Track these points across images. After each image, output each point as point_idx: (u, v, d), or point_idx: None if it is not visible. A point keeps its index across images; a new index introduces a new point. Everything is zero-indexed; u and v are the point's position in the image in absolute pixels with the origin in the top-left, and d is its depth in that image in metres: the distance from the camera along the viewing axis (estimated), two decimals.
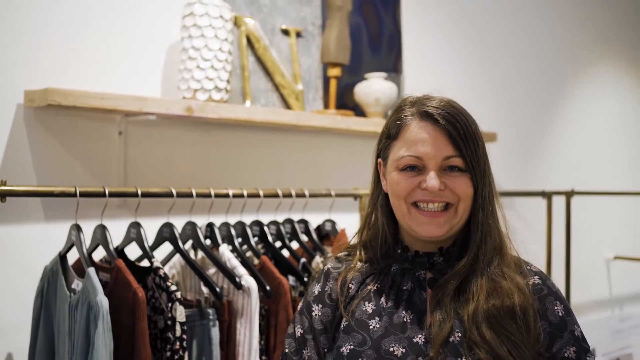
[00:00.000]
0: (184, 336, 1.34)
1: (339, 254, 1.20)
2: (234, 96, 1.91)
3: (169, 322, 1.34)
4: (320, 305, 1.13)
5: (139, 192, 1.48)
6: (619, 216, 3.48)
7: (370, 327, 1.07)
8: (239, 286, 1.47)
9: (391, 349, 1.04)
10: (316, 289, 1.16)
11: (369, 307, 1.09)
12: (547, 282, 1.10)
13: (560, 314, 1.05)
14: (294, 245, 1.79)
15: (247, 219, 1.71)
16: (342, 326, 1.09)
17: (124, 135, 1.75)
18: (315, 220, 1.89)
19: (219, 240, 1.60)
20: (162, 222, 1.57)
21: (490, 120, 2.76)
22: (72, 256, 1.48)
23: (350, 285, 1.13)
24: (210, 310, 1.44)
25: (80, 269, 1.42)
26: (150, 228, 1.56)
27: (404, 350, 1.03)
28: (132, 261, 1.48)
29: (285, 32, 2.07)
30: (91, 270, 1.31)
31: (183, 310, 1.34)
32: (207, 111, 1.71)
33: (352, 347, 1.06)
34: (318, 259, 1.70)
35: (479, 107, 2.87)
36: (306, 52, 2.11)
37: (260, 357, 1.52)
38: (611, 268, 3.45)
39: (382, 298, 1.10)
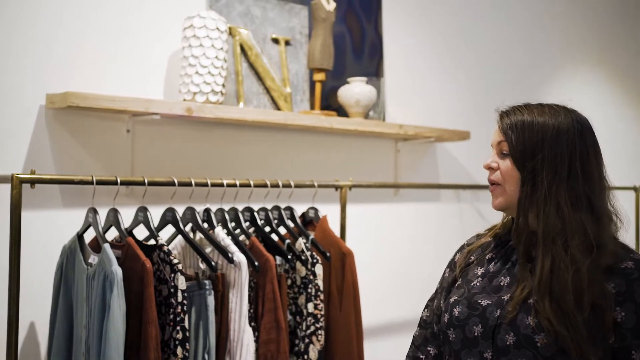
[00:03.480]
0: (185, 302, 1.58)
1: (481, 232, 1.46)
2: (229, 98, 2.14)
3: (172, 290, 1.58)
4: (448, 270, 1.44)
5: (146, 181, 1.72)
6: None
7: (472, 285, 1.32)
8: (231, 261, 1.71)
9: (479, 301, 1.27)
10: (452, 257, 1.46)
11: (479, 271, 1.35)
12: None
13: None
14: (282, 230, 2.03)
15: (239, 206, 1.94)
16: (456, 284, 1.37)
17: (131, 133, 1.98)
18: (300, 208, 2.13)
19: (215, 223, 1.84)
20: (165, 208, 1.81)
21: (465, 119, 2.99)
22: (88, 237, 1.72)
23: (471, 257, 1.39)
24: (206, 282, 1.68)
25: (96, 246, 1.66)
26: (155, 213, 1.79)
27: (489, 302, 1.26)
28: (140, 240, 1.71)
29: (275, 41, 2.30)
30: (106, 245, 1.55)
31: (184, 279, 1.58)
32: (205, 112, 1.92)
33: (455, 297, 1.32)
34: (301, 240, 1.94)
35: (455, 107, 3.11)
36: (294, 59, 2.35)
37: (250, 324, 1.76)
38: None
39: (492, 265, 1.34)
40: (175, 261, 1.59)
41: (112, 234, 1.74)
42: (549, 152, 1.22)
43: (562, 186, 1.21)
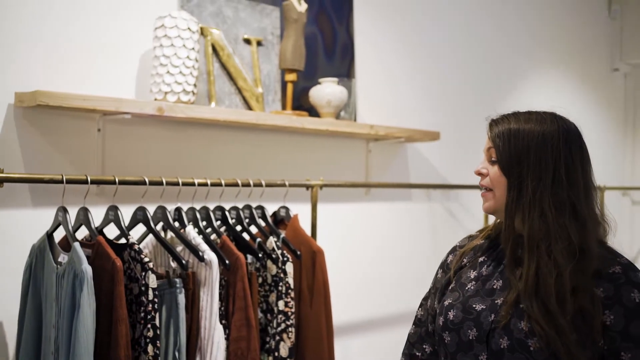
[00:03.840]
0: (156, 300, 1.59)
1: (473, 234, 1.48)
2: (201, 98, 2.15)
3: (143, 288, 1.59)
4: (441, 270, 1.47)
5: (116, 180, 1.72)
6: None
7: (466, 289, 1.35)
8: (202, 259, 1.72)
9: (474, 306, 1.30)
10: (444, 258, 1.48)
11: (472, 274, 1.37)
12: (630, 273, 1.23)
13: (637, 300, 1.20)
14: (253, 229, 2.04)
15: (211, 205, 1.95)
16: (450, 286, 1.39)
17: (102, 132, 1.98)
18: (271, 207, 2.15)
19: (186, 222, 1.85)
20: (136, 207, 1.81)
21: (435, 119, 3.04)
22: (58, 236, 1.71)
23: (464, 260, 1.42)
24: (177, 280, 1.69)
25: (65, 245, 1.65)
26: (126, 212, 1.79)
27: (483, 307, 1.29)
28: (110, 239, 1.71)
29: (247, 41, 2.32)
30: (76, 244, 1.55)
31: (155, 277, 1.59)
32: (176, 111, 1.93)
33: (450, 301, 1.35)
34: (272, 239, 1.96)
35: (426, 108, 3.16)
36: (266, 59, 2.37)
37: (221, 321, 1.77)
38: None
39: (484, 268, 1.36)
40: (146, 259, 1.60)
41: (82, 233, 1.73)
42: (534, 159, 1.26)
43: (546, 192, 1.24)
